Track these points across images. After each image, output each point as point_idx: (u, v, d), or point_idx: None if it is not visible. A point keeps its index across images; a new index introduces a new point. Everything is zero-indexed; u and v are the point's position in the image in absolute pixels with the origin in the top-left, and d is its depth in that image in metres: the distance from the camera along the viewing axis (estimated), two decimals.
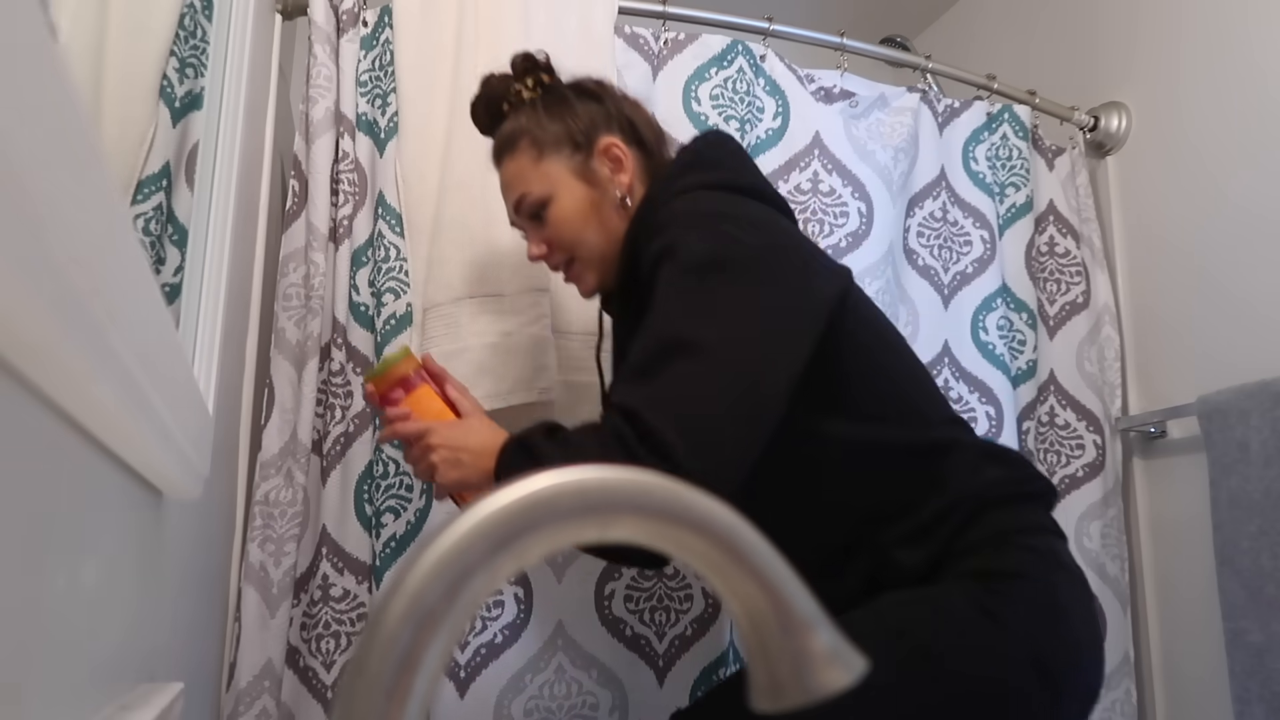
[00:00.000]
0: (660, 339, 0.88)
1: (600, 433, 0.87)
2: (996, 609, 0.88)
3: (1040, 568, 0.92)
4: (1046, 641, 0.88)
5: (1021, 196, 1.68)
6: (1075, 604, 0.92)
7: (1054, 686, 0.88)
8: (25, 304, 0.24)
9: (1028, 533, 0.94)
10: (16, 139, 0.22)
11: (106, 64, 0.52)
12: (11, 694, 0.31)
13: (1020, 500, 0.97)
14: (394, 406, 1.02)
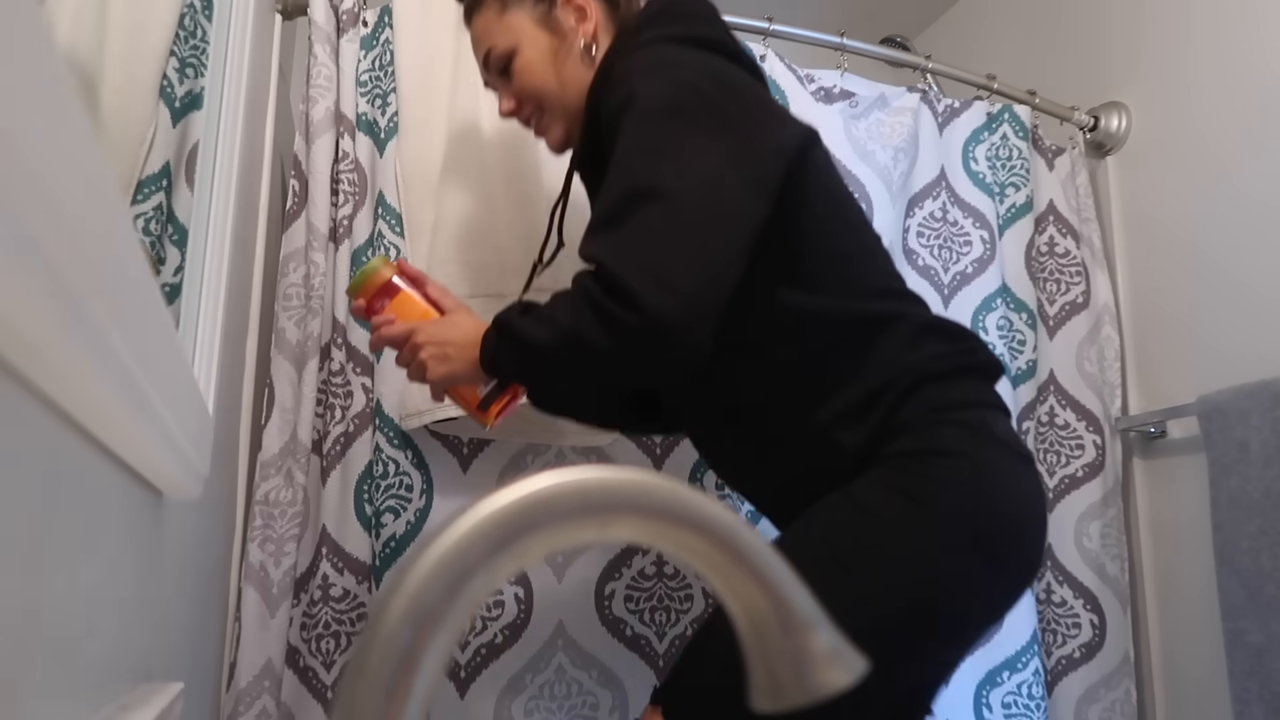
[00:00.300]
0: (623, 188, 0.88)
1: (570, 296, 0.88)
2: (923, 492, 0.88)
3: (971, 443, 0.91)
4: (978, 518, 0.88)
5: (1021, 196, 1.68)
6: (1007, 477, 0.91)
7: (993, 560, 0.88)
8: (25, 304, 0.24)
9: (961, 408, 0.93)
10: (16, 139, 0.22)
11: (106, 64, 0.52)
12: (11, 694, 0.31)
13: (957, 375, 0.95)
14: (379, 315, 1.03)
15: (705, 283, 0.85)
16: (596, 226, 0.90)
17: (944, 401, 0.93)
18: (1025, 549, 0.92)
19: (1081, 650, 1.55)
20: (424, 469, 1.30)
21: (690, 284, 0.84)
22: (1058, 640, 1.56)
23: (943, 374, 0.94)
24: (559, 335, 0.88)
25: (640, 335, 0.84)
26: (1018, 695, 1.48)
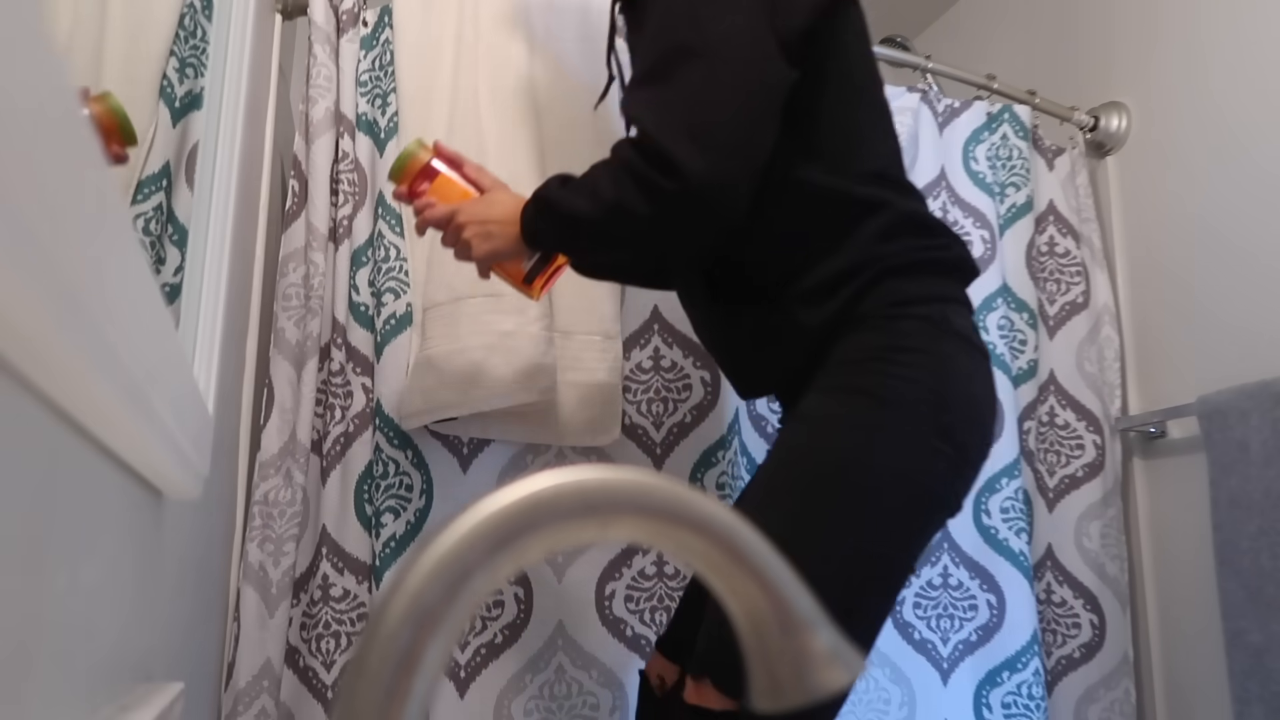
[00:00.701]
0: (664, 45, 0.89)
1: (610, 165, 0.90)
2: (884, 389, 0.90)
3: (929, 337, 0.93)
4: (938, 411, 0.90)
5: (1021, 196, 1.68)
6: (964, 370, 0.93)
7: (954, 450, 0.90)
8: (25, 303, 0.24)
9: (922, 302, 0.94)
10: (16, 139, 0.22)
11: (106, 64, 0.52)
12: (11, 694, 0.31)
13: (923, 269, 0.96)
14: (420, 198, 1.06)
15: (743, 145, 0.87)
16: (638, 83, 0.91)
17: (905, 295, 0.94)
18: (982, 439, 0.94)
19: (1081, 650, 1.55)
20: (424, 469, 1.30)
21: (729, 147, 0.86)
22: (1058, 640, 1.56)
23: (907, 267, 0.95)
24: (600, 206, 0.90)
25: (681, 201, 0.86)
26: (1017, 695, 1.48)
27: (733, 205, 0.88)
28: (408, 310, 1.30)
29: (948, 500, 0.94)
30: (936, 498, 0.92)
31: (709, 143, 0.85)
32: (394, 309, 1.30)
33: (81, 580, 0.41)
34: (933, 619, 1.51)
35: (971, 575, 1.52)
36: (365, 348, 1.30)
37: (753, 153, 0.88)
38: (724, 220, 0.89)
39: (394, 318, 1.30)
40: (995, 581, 1.52)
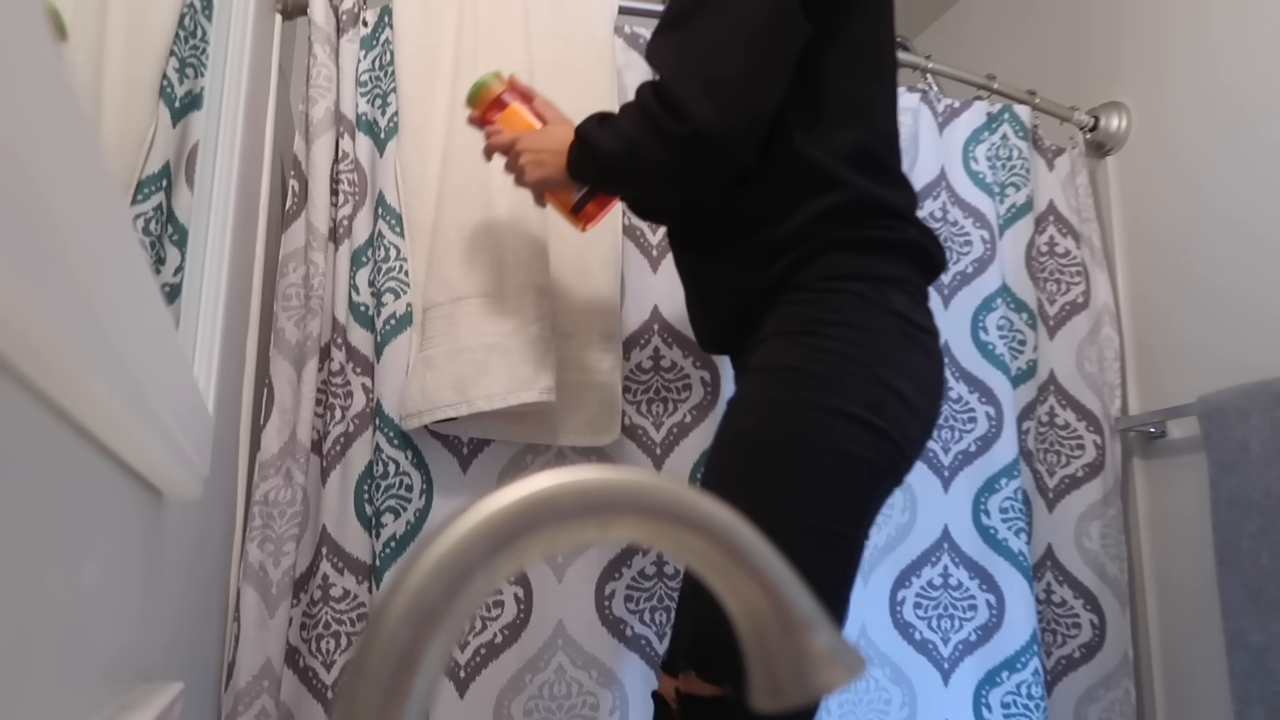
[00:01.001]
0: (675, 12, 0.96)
1: (633, 106, 0.97)
2: (813, 363, 0.94)
3: (860, 312, 0.95)
4: (865, 387, 0.92)
5: (1021, 196, 1.68)
6: (897, 348, 0.95)
7: (885, 426, 0.92)
8: (25, 304, 0.24)
9: (859, 278, 0.97)
10: (17, 139, 0.22)
11: (106, 64, 0.52)
12: (11, 694, 0.31)
13: (868, 247, 0.98)
14: (490, 125, 1.16)
15: (751, 94, 0.91)
16: (661, 29, 0.98)
17: (843, 270, 0.97)
18: (920, 415, 0.96)
19: (1081, 650, 1.55)
20: (424, 469, 1.30)
21: (737, 94, 0.90)
22: (1057, 640, 1.56)
23: (851, 243, 0.98)
24: (622, 145, 0.97)
25: (690, 145, 0.91)
26: (1017, 695, 1.48)
27: (739, 151, 0.92)
28: (408, 310, 1.30)
29: (885, 471, 0.95)
30: (873, 469, 0.93)
31: (718, 89, 0.90)
32: (394, 309, 1.30)
33: (81, 580, 0.41)
34: (933, 619, 1.51)
35: (971, 575, 1.52)
36: (365, 348, 1.30)
37: (759, 100, 0.92)
38: (730, 164, 0.94)
39: (394, 318, 1.30)
40: (995, 581, 1.52)
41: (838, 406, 0.92)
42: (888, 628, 1.49)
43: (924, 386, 0.97)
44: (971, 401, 1.58)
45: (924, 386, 0.97)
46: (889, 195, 1.01)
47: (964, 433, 1.57)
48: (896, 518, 1.52)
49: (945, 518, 1.54)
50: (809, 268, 0.98)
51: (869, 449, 0.93)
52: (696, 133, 0.90)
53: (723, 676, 0.92)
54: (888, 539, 1.51)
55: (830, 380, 0.93)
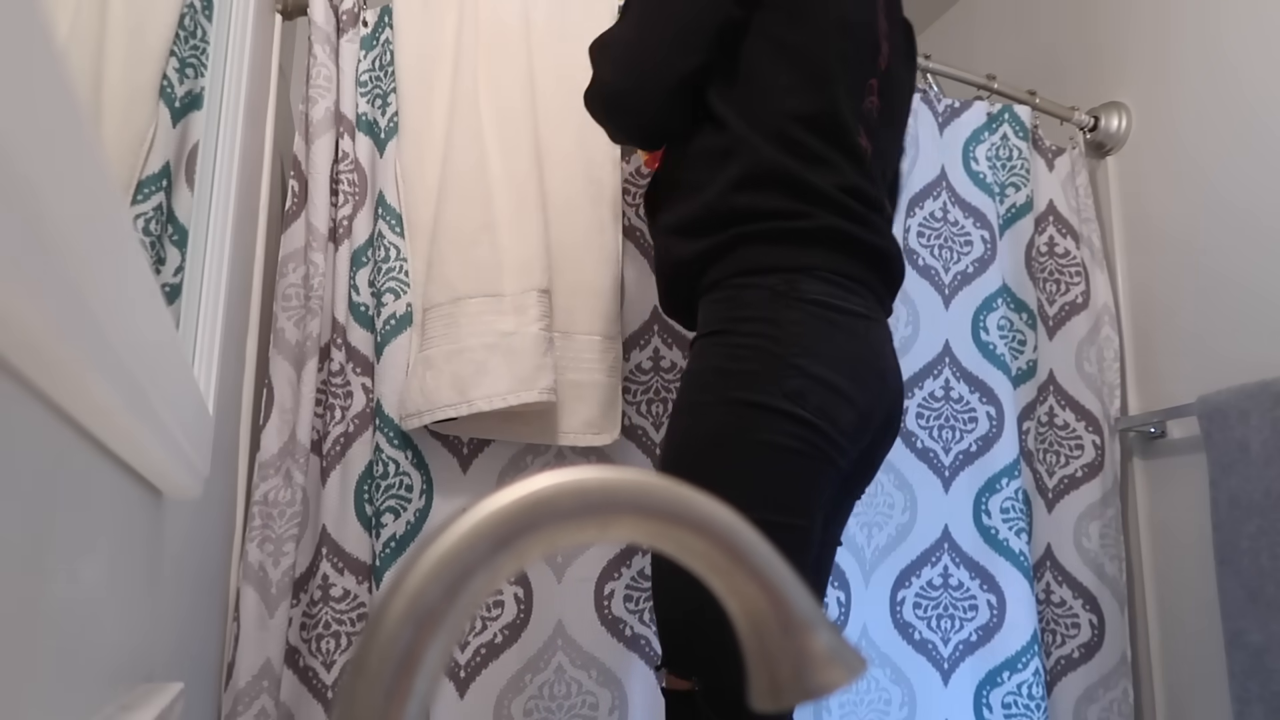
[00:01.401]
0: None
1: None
2: (728, 361, 0.98)
3: (770, 305, 0.98)
4: (780, 378, 0.95)
5: (1021, 196, 1.68)
6: (812, 336, 0.97)
7: (810, 411, 0.95)
8: (25, 304, 0.24)
9: (769, 271, 1.00)
10: (17, 139, 0.22)
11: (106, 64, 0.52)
12: (11, 694, 0.31)
13: (779, 238, 1.01)
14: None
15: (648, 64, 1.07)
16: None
17: (754, 264, 1.01)
18: (847, 402, 0.97)
19: (1080, 650, 1.55)
20: (424, 469, 1.30)
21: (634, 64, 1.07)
22: (1057, 640, 1.56)
23: (761, 236, 1.02)
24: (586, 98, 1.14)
25: (603, 100, 1.11)
26: (1018, 695, 1.48)
27: (636, 106, 1.09)
28: (408, 310, 1.30)
29: (816, 459, 0.96)
30: (801, 457, 0.95)
31: (619, 59, 1.08)
32: (394, 309, 1.30)
33: (81, 580, 0.41)
34: (933, 619, 1.51)
35: (971, 575, 1.52)
36: (365, 348, 1.30)
37: (657, 71, 1.06)
38: (630, 117, 1.11)
39: (394, 318, 1.30)
40: (995, 582, 1.52)
41: (757, 400, 0.95)
42: (888, 628, 1.49)
43: (854, 372, 0.98)
44: (972, 401, 1.58)
45: (854, 372, 0.98)
46: (805, 173, 1.02)
47: (965, 433, 1.57)
48: (897, 518, 1.52)
49: (946, 518, 1.54)
50: (722, 263, 1.03)
51: (793, 439, 0.94)
52: (603, 91, 1.09)
53: (691, 670, 0.96)
54: (888, 539, 1.51)
55: (747, 375, 0.96)
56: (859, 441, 1.01)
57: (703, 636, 0.95)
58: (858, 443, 1.01)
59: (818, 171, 1.04)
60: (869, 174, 1.08)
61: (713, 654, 0.94)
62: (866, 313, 1.02)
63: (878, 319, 1.05)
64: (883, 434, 1.07)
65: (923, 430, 1.55)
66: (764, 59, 1.06)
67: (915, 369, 1.57)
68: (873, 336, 1.03)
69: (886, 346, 1.06)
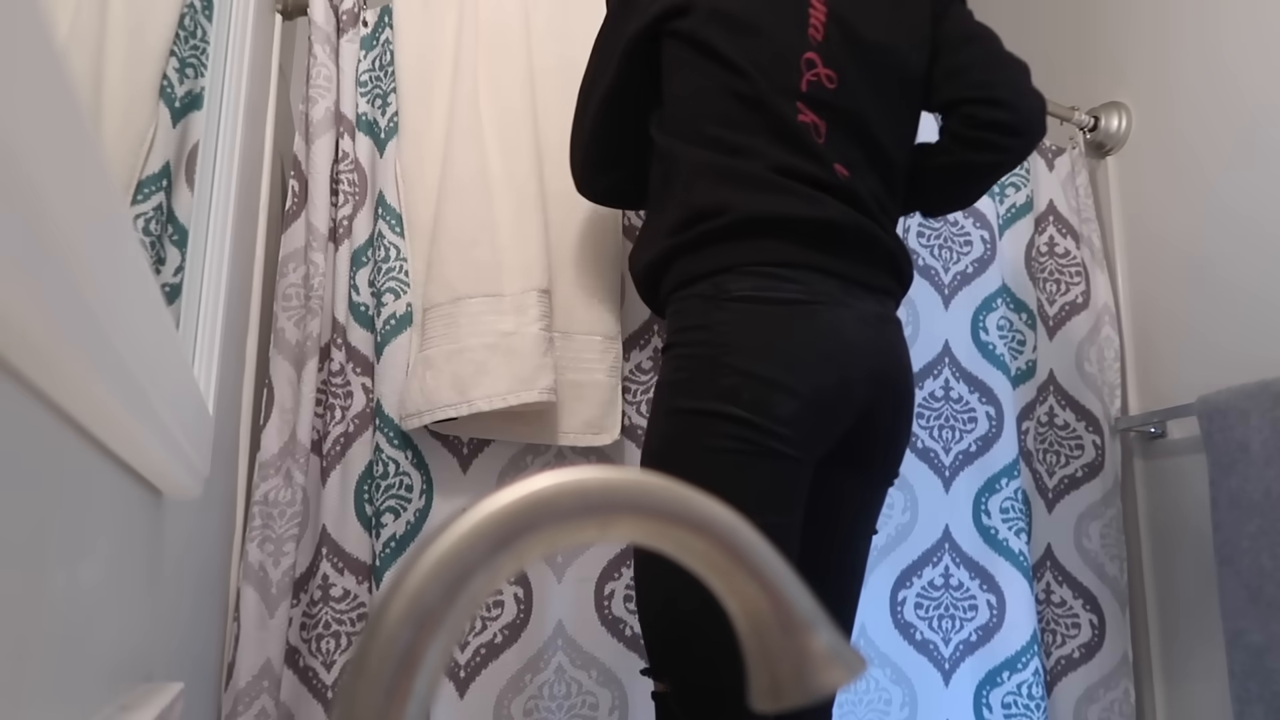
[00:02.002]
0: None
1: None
2: (675, 372, 1.02)
3: (703, 311, 1.01)
4: (711, 376, 0.98)
5: (1021, 197, 1.68)
6: (745, 332, 0.99)
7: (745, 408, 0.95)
8: (25, 304, 0.24)
9: (701, 278, 1.03)
10: (17, 139, 0.22)
11: (106, 64, 0.52)
12: (11, 694, 0.31)
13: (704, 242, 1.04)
14: None
15: (578, 136, 1.21)
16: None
17: (688, 275, 1.04)
18: (786, 392, 0.97)
19: (1081, 650, 1.55)
20: (424, 469, 1.30)
21: (574, 139, 1.22)
22: (1057, 640, 1.56)
23: (687, 246, 1.05)
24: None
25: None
26: (1018, 695, 1.48)
27: (577, 178, 1.24)
28: (408, 310, 1.30)
29: (759, 456, 0.96)
30: (742, 456, 0.96)
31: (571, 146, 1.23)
32: (394, 309, 1.30)
33: (81, 580, 0.41)
34: (934, 619, 1.51)
35: (972, 575, 1.52)
36: (365, 348, 1.30)
37: (583, 140, 1.20)
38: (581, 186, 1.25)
39: (394, 318, 1.30)
40: (995, 582, 1.52)
41: (694, 406, 0.98)
42: (888, 628, 1.49)
43: (789, 361, 0.98)
44: (972, 401, 1.58)
45: (789, 361, 0.98)
46: (728, 164, 1.04)
47: (964, 433, 1.57)
48: (897, 518, 1.52)
49: (946, 518, 1.54)
50: (666, 278, 1.08)
51: (730, 439, 0.96)
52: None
53: (662, 671, 0.98)
54: (888, 539, 1.51)
55: (685, 384, 1.00)
56: (821, 427, 0.99)
57: (672, 639, 0.98)
58: (819, 428, 0.99)
59: (740, 159, 1.04)
60: (813, 150, 1.05)
61: (681, 656, 0.97)
62: (806, 298, 1.00)
63: (828, 300, 1.01)
64: (875, 409, 1.04)
65: (923, 430, 1.55)
66: (677, 77, 1.10)
67: (915, 369, 1.56)
68: (820, 319, 1.00)
69: (846, 324, 1.02)
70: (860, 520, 1.12)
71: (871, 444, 1.08)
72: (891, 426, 1.09)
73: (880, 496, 1.14)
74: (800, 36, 1.08)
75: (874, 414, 1.05)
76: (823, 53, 1.08)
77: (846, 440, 1.04)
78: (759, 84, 1.05)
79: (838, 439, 1.03)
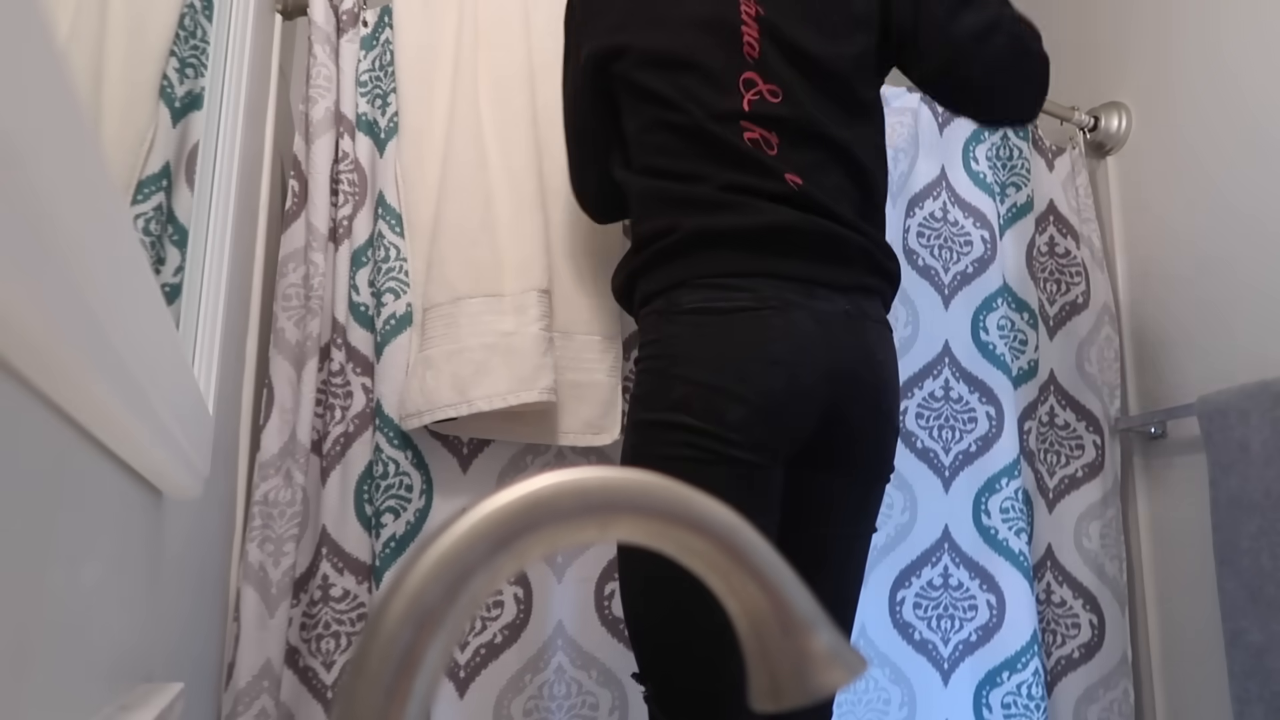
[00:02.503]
0: None
1: None
2: (639, 391, 1.06)
3: (657, 327, 1.06)
4: (663, 388, 1.01)
5: (1022, 196, 1.68)
6: (691, 343, 1.02)
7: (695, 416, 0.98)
8: (25, 304, 0.24)
9: (655, 296, 1.07)
10: (17, 139, 0.22)
11: (106, 64, 0.52)
12: (10, 694, 0.31)
13: (656, 262, 1.08)
14: None
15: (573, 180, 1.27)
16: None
17: (645, 294, 1.09)
18: (736, 400, 0.99)
19: (1080, 650, 1.55)
20: (424, 469, 1.30)
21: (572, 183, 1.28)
22: (1057, 640, 1.56)
23: (643, 269, 1.09)
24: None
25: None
26: (1017, 695, 1.48)
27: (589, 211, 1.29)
28: (408, 310, 1.30)
29: (712, 463, 0.98)
30: (694, 463, 0.98)
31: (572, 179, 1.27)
32: (394, 309, 1.30)
33: (81, 580, 0.41)
34: (933, 619, 1.51)
35: (971, 575, 1.52)
36: (365, 348, 1.30)
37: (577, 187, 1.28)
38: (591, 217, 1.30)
39: (394, 318, 1.30)
40: (995, 582, 1.52)
41: (650, 418, 1.02)
42: (887, 628, 1.49)
43: (737, 368, 0.99)
44: (972, 401, 1.58)
45: (737, 368, 0.99)
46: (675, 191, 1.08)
47: (964, 433, 1.57)
48: (896, 518, 1.52)
49: (945, 518, 1.54)
50: (633, 300, 1.13)
51: (684, 446, 0.98)
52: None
53: (643, 673, 1.02)
54: (887, 539, 1.51)
55: (644, 397, 1.04)
56: (777, 430, 1.00)
57: (647, 641, 1.01)
58: (775, 432, 1.00)
59: (688, 185, 1.08)
60: (762, 165, 1.07)
61: (658, 658, 1.00)
62: (755, 304, 1.02)
63: (780, 304, 1.02)
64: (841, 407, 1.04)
65: (922, 430, 1.55)
66: (624, 115, 1.15)
67: (915, 369, 1.57)
68: (768, 324, 1.01)
69: (800, 325, 1.02)
70: (857, 521, 1.12)
71: (849, 444, 1.07)
72: (867, 424, 1.08)
73: (875, 495, 1.13)
74: (736, 58, 1.10)
75: (842, 412, 1.04)
76: (761, 69, 1.10)
77: (821, 442, 1.04)
78: (694, 114, 1.08)
79: (804, 440, 1.03)
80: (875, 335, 1.09)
